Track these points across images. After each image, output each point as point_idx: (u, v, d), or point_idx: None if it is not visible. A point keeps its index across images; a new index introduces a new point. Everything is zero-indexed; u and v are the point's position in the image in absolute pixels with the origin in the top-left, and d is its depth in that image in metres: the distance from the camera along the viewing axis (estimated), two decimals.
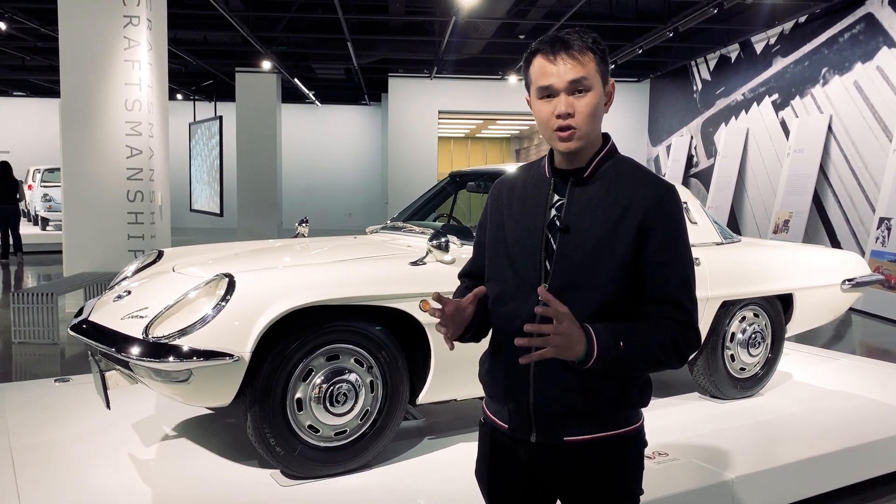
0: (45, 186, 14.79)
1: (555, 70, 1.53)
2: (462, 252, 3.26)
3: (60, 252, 7.77)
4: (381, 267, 3.09)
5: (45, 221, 14.61)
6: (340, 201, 21.82)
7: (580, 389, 1.56)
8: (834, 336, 7.18)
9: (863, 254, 8.57)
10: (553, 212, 1.60)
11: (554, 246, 1.58)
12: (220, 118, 14.45)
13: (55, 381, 4.25)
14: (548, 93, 1.56)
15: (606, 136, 1.65)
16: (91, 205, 7.44)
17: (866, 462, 3.38)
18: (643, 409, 1.68)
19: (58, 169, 13.77)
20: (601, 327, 1.48)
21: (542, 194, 1.63)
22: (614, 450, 1.61)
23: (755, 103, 11.74)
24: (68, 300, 7.53)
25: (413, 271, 3.07)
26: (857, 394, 4.18)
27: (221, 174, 14.37)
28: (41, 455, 3.12)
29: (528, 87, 1.62)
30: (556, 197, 1.62)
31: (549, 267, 1.57)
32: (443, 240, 3.11)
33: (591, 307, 1.53)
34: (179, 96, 18.92)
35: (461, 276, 1.87)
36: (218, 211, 14.91)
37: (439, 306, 1.56)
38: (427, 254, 3.14)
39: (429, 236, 3.21)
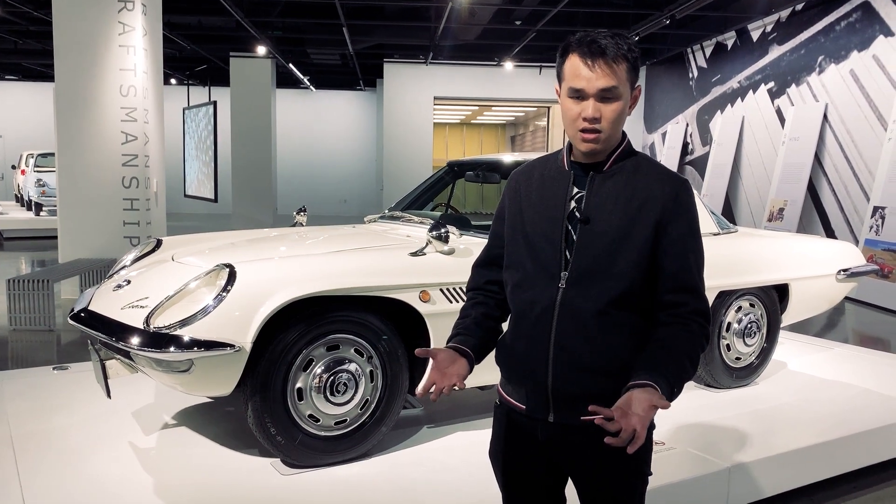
0: (38, 171, 14.71)
1: (588, 75, 1.59)
2: (461, 242, 3.28)
3: (54, 238, 7.76)
4: (381, 258, 3.10)
5: (39, 207, 14.54)
6: (335, 187, 21.78)
7: (597, 372, 1.63)
8: (827, 325, 7.23)
9: (856, 242, 8.62)
10: (573, 203, 1.68)
11: (574, 236, 1.65)
12: (215, 103, 14.37)
13: (53, 368, 4.26)
14: (578, 95, 1.61)
15: (623, 133, 1.72)
16: (86, 191, 7.42)
17: (861, 451, 3.41)
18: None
19: (51, 154, 13.69)
20: (659, 382, 1.53)
21: (562, 186, 1.70)
22: None
23: (751, 91, 11.74)
24: (64, 287, 7.52)
25: (413, 262, 3.08)
26: (851, 383, 4.21)
27: (216, 160, 14.31)
28: (42, 443, 3.13)
29: (559, 79, 1.67)
30: (576, 189, 1.69)
31: (569, 256, 1.64)
32: (442, 230, 3.11)
33: (610, 295, 1.61)
34: (173, 81, 18.80)
35: (476, 266, 1.91)
36: (212, 197, 14.85)
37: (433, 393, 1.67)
38: (427, 244, 3.15)
39: (428, 227, 3.22)
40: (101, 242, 7.52)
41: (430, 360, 1.71)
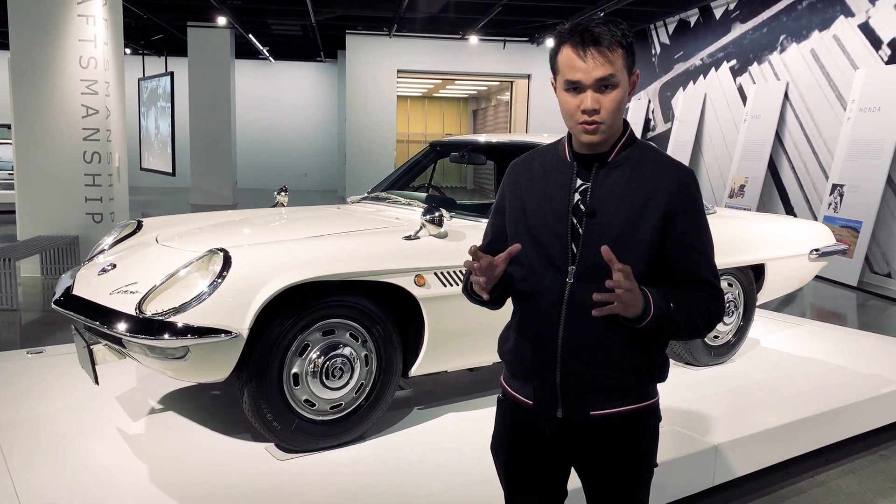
0: None
1: (583, 66, 1.55)
2: (452, 224, 3.27)
3: (8, 213, 7.51)
4: (376, 242, 3.07)
5: None
6: (296, 161, 21.47)
7: (605, 365, 1.63)
8: (786, 300, 7.42)
9: (815, 219, 8.86)
10: (577, 196, 1.64)
11: (580, 230, 1.62)
12: (172, 74, 14.00)
13: (28, 353, 4.14)
14: (575, 87, 1.58)
15: (625, 122, 1.69)
16: (46, 167, 7.20)
17: (835, 427, 3.54)
18: (660, 385, 1.75)
19: (5, 125, 13.17)
20: (651, 289, 1.56)
21: (566, 178, 1.67)
22: (635, 423, 1.69)
23: (713, 69, 11.89)
24: (24, 265, 7.31)
25: (408, 246, 3.06)
26: (821, 359, 4.36)
27: (173, 132, 13.96)
28: (28, 431, 3.05)
29: (553, 72, 1.64)
30: (580, 181, 1.66)
31: (575, 250, 1.62)
32: (436, 214, 3.10)
33: None
34: (128, 51, 18.17)
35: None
36: (170, 170, 14.52)
37: (477, 261, 1.57)
38: (420, 228, 3.13)
39: (415, 208, 3.21)
40: (62, 219, 7.32)
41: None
